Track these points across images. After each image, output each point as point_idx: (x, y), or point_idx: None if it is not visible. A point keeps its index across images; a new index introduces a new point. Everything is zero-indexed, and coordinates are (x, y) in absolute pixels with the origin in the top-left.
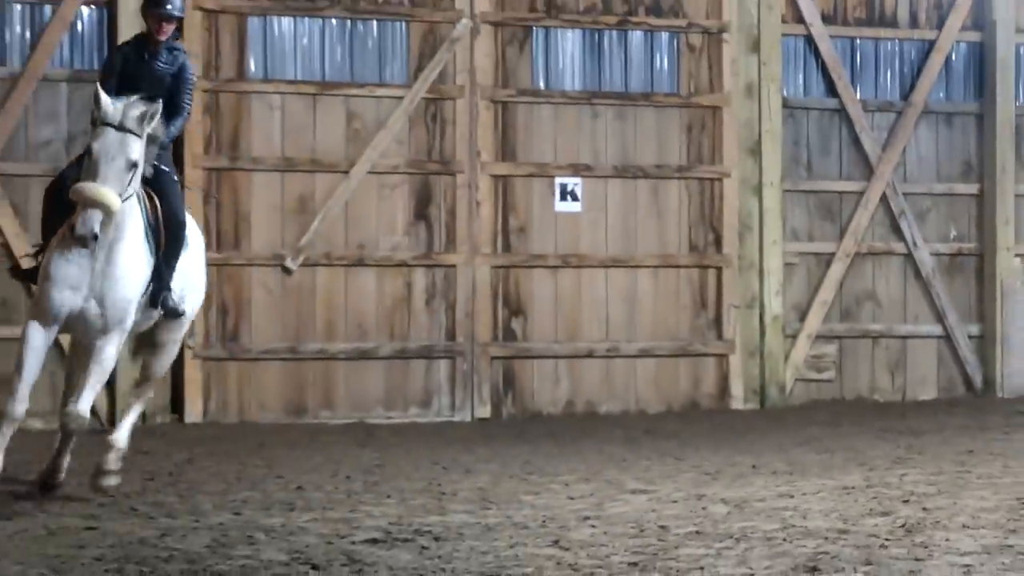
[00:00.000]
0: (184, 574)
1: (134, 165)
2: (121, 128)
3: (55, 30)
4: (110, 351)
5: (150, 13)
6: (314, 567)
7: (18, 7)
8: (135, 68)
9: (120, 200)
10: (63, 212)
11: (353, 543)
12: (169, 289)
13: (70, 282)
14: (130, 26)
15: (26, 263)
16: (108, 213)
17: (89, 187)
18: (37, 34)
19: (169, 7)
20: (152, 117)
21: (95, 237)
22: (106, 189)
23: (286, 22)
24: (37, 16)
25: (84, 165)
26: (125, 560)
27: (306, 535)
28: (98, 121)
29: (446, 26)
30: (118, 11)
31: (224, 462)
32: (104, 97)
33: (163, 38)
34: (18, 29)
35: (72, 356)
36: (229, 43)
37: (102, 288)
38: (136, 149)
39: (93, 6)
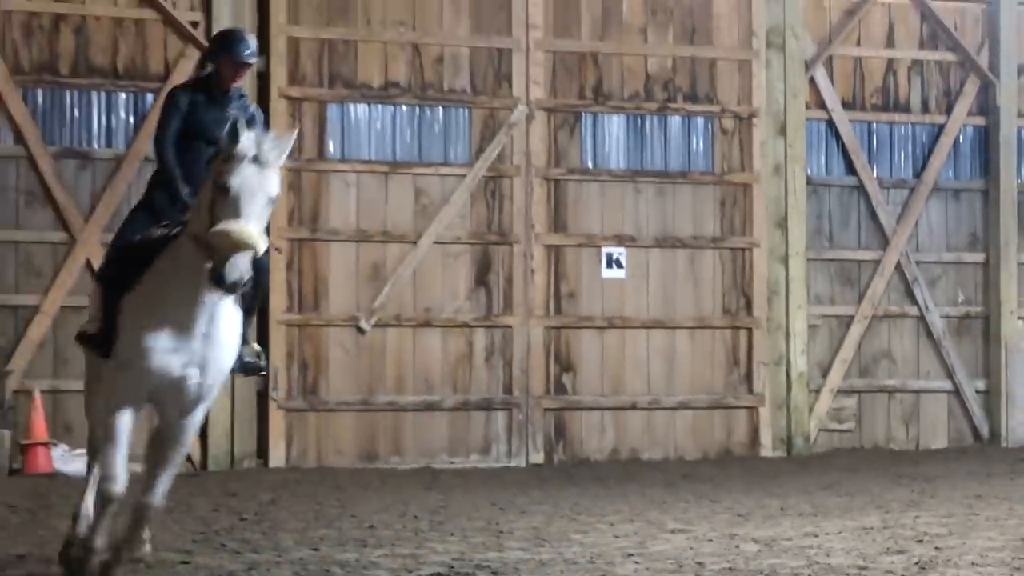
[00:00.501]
0: None
1: (273, 201)
2: (259, 161)
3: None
4: (195, 426)
5: (226, 60)
6: None
7: (123, 95)
8: (205, 113)
9: (265, 241)
10: (132, 269)
11: None
12: (247, 343)
13: (169, 352)
14: None
15: (92, 328)
16: (256, 256)
17: (236, 228)
18: (140, 119)
19: (247, 53)
20: (285, 148)
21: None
22: (253, 229)
23: (361, 108)
24: (140, 103)
25: (218, 203)
26: None
27: (377, 569)
28: (234, 157)
29: (504, 112)
30: None
31: (304, 502)
32: (244, 130)
33: (236, 85)
34: (123, 114)
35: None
36: (310, 127)
37: (205, 353)
38: (275, 183)
39: None
